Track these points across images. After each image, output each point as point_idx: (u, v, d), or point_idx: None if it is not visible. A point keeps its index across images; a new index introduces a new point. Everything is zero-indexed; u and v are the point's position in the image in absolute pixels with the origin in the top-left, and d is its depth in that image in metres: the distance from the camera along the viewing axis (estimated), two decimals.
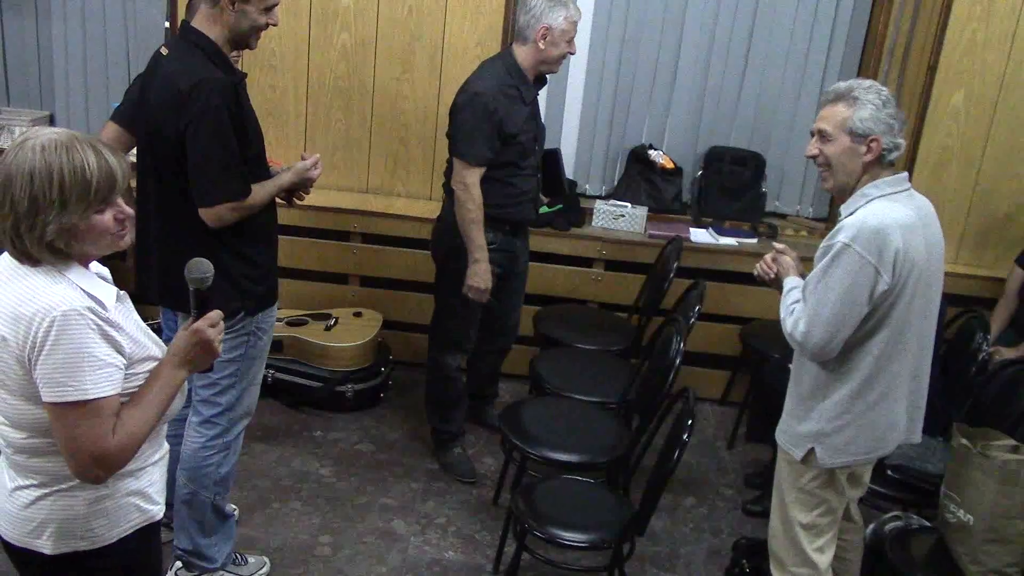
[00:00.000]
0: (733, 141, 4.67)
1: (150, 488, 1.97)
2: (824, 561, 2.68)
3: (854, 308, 2.43)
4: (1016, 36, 4.11)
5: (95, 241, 1.79)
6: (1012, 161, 4.27)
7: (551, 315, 4.21)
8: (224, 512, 2.99)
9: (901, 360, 2.53)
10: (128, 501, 1.92)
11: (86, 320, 1.72)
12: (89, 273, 1.83)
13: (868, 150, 2.49)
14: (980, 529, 2.75)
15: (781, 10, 4.48)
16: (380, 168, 4.53)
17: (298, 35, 4.33)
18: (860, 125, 2.48)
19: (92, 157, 1.73)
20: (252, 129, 2.68)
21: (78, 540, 1.87)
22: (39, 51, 4.62)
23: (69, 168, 1.70)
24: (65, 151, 1.71)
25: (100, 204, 1.75)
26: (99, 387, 1.73)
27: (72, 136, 1.75)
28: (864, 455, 2.61)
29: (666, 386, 3.09)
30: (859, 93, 2.50)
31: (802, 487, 2.64)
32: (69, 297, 1.72)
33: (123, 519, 1.92)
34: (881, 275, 2.40)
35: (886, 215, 2.43)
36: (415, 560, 3.33)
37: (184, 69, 2.54)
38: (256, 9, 2.60)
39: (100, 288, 1.81)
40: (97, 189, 1.73)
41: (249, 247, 2.73)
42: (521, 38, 3.48)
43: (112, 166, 1.76)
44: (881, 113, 2.48)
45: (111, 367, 1.75)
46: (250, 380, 2.90)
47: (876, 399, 2.54)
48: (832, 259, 2.44)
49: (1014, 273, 4.05)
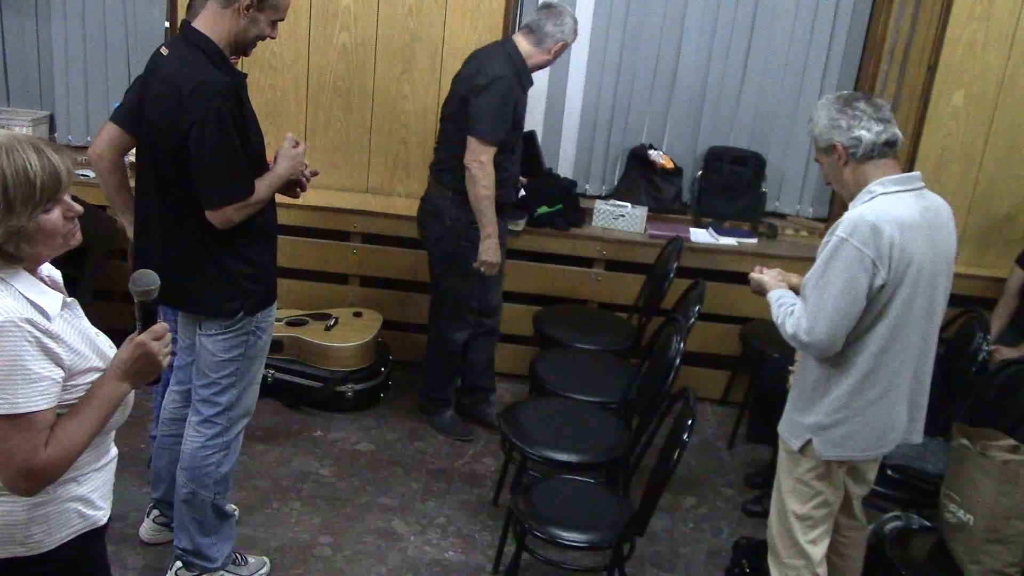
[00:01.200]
0: (733, 141, 4.66)
1: (93, 494, 1.93)
2: (817, 553, 2.71)
3: (855, 300, 2.45)
4: (1016, 36, 4.12)
5: (46, 242, 1.76)
6: (1012, 161, 4.27)
7: (551, 315, 4.22)
8: (224, 512, 2.99)
9: (902, 359, 2.54)
10: (69, 507, 1.88)
11: (22, 332, 1.69)
12: (35, 280, 1.79)
13: (838, 157, 2.53)
14: (980, 529, 2.75)
15: (781, 10, 4.48)
16: (380, 168, 4.53)
17: (298, 35, 4.33)
18: (820, 140, 2.56)
19: (34, 157, 1.70)
20: (253, 130, 2.69)
21: (16, 546, 1.83)
22: (39, 51, 4.61)
23: (11, 171, 1.68)
24: (5, 154, 1.69)
25: (47, 204, 1.73)
26: (31, 401, 1.70)
27: (12, 137, 1.72)
28: (861, 452, 2.62)
29: (666, 386, 3.09)
30: (814, 112, 2.59)
31: (799, 477, 2.67)
32: (6, 307, 1.69)
33: (63, 525, 1.88)
34: (879, 268, 2.43)
35: (884, 211, 2.45)
36: (415, 560, 3.33)
37: (186, 69, 2.54)
38: (267, 19, 2.63)
39: (45, 296, 1.78)
40: (42, 189, 1.70)
41: (249, 247, 2.73)
42: (533, 38, 3.65)
43: (56, 164, 1.73)
44: (827, 120, 2.53)
45: (46, 380, 1.72)
46: (250, 379, 2.90)
47: (875, 396, 2.56)
48: (831, 253, 2.47)
49: (1014, 273, 4.05)
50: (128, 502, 3.35)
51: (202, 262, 2.70)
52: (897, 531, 3.04)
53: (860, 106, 2.51)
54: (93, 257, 4.00)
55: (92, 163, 3.05)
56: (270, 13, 2.62)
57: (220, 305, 2.73)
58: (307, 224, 4.36)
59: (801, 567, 2.72)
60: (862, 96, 2.55)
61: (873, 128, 2.49)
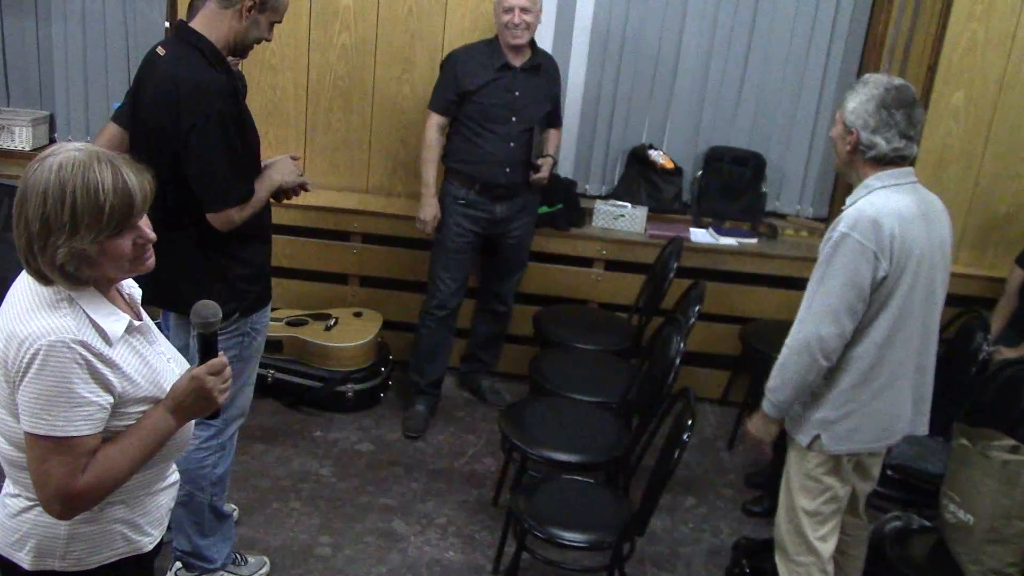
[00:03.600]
0: (733, 141, 4.66)
1: (141, 518, 1.87)
2: (827, 550, 2.71)
3: (860, 294, 2.47)
4: (1016, 36, 4.11)
5: (112, 267, 1.70)
6: (1012, 161, 4.27)
7: (551, 315, 4.22)
8: (222, 512, 2.99)
9: (904, 349, 2.57)
10: (114, 529, 1.82)
11: (73, 354, 1.64)
12: (104, 301, 1.73)
13: (849, 141, 2.54)
14: (980, 529, 2.75)
15: (781, 10, 4.48)
16: (380, 168, 4.53)
17: (298, 35, 4.33)
18: (847, 115, 2.54)
19: (109, 178, 1.64)
20: (251, 132, 2.68)
21: (57, 560, 1.79)
22: (39, 51, 4.61)
23: (83, 190, 1.61)
24: (81, 171, 1.62)
25: (115, 229, 1.65)
26: (74, 425, 1.65)
27: (92, 154, 1.66)
28: (869, 444, 2.64)
29: (666, 386, 3.09)
30: (860, 84, 2.56)
31: (807, 473, 2.67)
32: (61, 327, 1.64)
33: (106, 546, 1.82)
34: (880, 260, 2.45)
35: (884, 204, 2.48)
36: (415, 560, 3.33)
37: (183, 70, 2.53)
38: (267, 22, 2.62)
39: (110, 320, 1.72)
40: (111, 214, 1.64)
41: (243, 247, 2.72)
42: None
43: (131, 187, 1.66)
44: (862, 107, 2.50)
45: (92, 406, 1.66)
46: (244, 381, 2.89)
47: (880, 388, 2.57)
48: (833, 248, 2.49)
49: (1014, 273, 4.05)
50: None
51: (196, 263, 2.69)
52: (897, 531, 3.04)
53: (897, 116, 2.48)
54: None
55: None
56: (270, 15, 2.62)
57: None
58: (307, 224, 4.36)
59: (811, 564, 2.72)
60: (908, 102, 2.50)
61: (894, 142, 2.49)
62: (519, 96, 3.89)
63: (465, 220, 3.97)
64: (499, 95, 3.85)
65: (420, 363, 4.18)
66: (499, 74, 3.85)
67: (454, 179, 3.98)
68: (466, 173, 3.93)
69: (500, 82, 3.85)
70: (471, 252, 4.07)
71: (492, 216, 3.99)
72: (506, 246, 4.13)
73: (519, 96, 3.89)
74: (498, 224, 4.02)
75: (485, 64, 3.85)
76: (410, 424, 4.11)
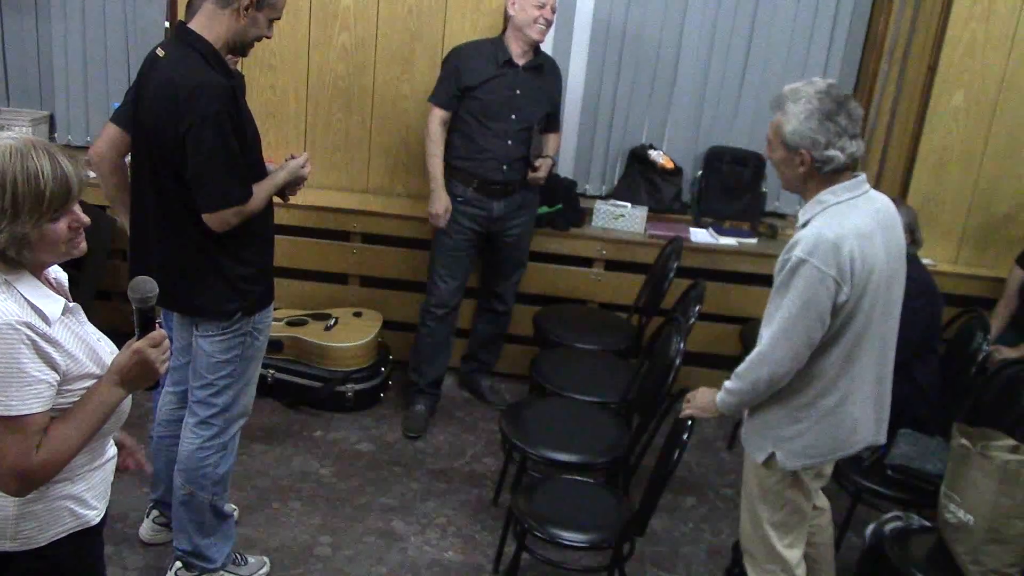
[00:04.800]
0: (733, 141, 4.66)
1: (86, 493, 1.93)
2: (795, 557, 2.70)
3: (820, 320, 2.41)
4: (1016, 36, 4.11)
5: (48, 250, 1.76)
6: (1012, 161, 4.27)
7: (551, 315, 4.22)
8: (223, 512, 2.99)
9: (863, 362, 2.52)
10: (61, 505, 1.88)
11: (20, 335, 1.69)
12: (38, 283, 1.79)
13: (801, 163, 2.45)
14: (980, 529, 2.75)
15: (781, 10, 4.47)
16: (380, 168, 4.53)
17: (298, 35, 4.32)
18: (789, 138, 2.44)
19: (47, 165, 1.70)
20: (251, 132, 2.68)
21: (7, 541, 1.84)
22: (39, 51, 4.61)
23: (23, 176, 1.67)
24: (20, 158, 1.68)
25: (54, 213, 1.72)
26: (25, 403, 1.70)
27: (28, 142, 1.71)
28: (825, 456, 2.61)
29: (666, 386, 3.09)
30: (789, 104, 2.43)
31: (768, 488, 2.66)
32: (5, 309, 1.70)
33: (55, 523, 1.88)
34: (842, 286, 2.39)
35: (841, 225, 2.40)
36: (415, 560, 3.33)
37: (183, 71, 2.53)
38: (265, 19, 2.62)
39: (46, 301, 1.78)
40: (51, 198, 1.70)
41: (245, 248, 2.73)
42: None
43: (68, 173, 1.72)
44: (805, 126, 2.40)
45: (41, 384, 1.72)
46: (247, 380, 2.89)
47: (836, 403, 2.53)
48: (790, 274, 2.42)
49: (1014, 273, 4.05)
50: (128, 502, 3.35)
51: (199, 264, 2.69)
52: (897, 531, 3.04)
53: (841, 121, 2.40)
54: (93, 258, 3.99)
55: (93, 164, 3.04)
56: (268, 12, 2.62)
57: (217, 307, 2.73)
58: (307, 224, 4.36)
59: (778, 571, 2.70)
60: (842, 100, 2.42)
61: (848, 148, 2.41)
62: (520, 94, 3.89)
63: (463, 218, 3.98)
64: (500, 92, 3.87)
65: (420, 363, 4.18)
66: (501, 71, 3.86)
67: (452, 176, 3.98)
68: (464, 170, 3.94)
69: (502, 79, 3.86)
70: (470, 250, 4.08)
71: (489, 214, 3.99)
72: (504, 245, 4.13)
73: (520, 94, 3.89)
74: (495, 222, 4.03)
75: (488, 60, 3.86)
76: (410, 424, 4.11)
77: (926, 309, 3.46)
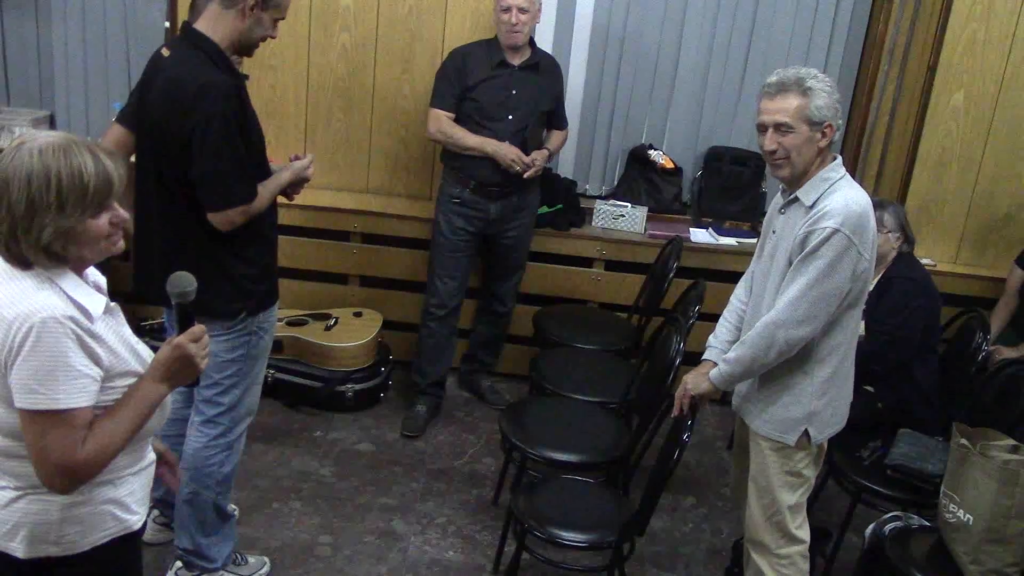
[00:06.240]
0: (733, 141, 4.66)
1: (128, 498, 1.92)
2: (806, 534, 2.78)
3: (838, 288, 2.52)
4: (1016, 36, 4.12)
5: (90, 245, 1.77)
6: (1012, 161, 4.27)
7: (551, 315, 4.22)
8: (225, 512, 2.99)
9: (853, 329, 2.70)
10: (104, 509, 1.88)
11: (65, 329, 1.70)
12: (80, 281, 1.81)
13: (823, 136, 2.57)
14: (980, 529, 2.75)
15: (781, 10, 4.48)
16: (380, 168, 4.53)
17: (298, 35, 4.33)
18: (817, 113, 2.55)
19: (90, 161, 1.72)
20: (255, 132, 2.68)
21: (50, 545, 1.83)
22: (39, 51, 4.61)
23: (67, 172, 1.70)
24: (63, 154, 1.70)
25: (96, 208, 1.74)
26: (72, 397, 1.70)
27: (69, 140, 1.74)
28: (841, 422, 2.76)
29: (666, 386, 3.09)
30: (811, 83, 2.58)
31: (790, 470, 2.72)
32: (51, 304, 1.70)
33: (98, 527, 1.88)
34: (863, 256, 2.52)
35: (860, 197, 2.56)
36: (415, 560, 3.33)
37: (188, 71, 2.54)
38: (270, 19, 2.62)
39: (89, 297, 1.79)
40: (94, 193, 1.72)
41: (249, 247, 2.73)
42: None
43: (109, 170, 1.75)
44: (832, 99, 2.56)
45: (86, 378, 1.73)
46: (252, 379, 2.90)
47: (848, 371, 2.71)
48: (820, 243, 2.51)
49: (1014, 273, 4.05)
50: None
51: (203, 263, 2.68)
52: (897, 531, 3.04)
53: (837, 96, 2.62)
54: None
55: None
56: (273, 12, 2.62)
57: (222, 306, 2.73)
58: (307, 224, 4.36)
59: (795, 553, 2.77)
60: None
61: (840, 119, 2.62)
62: (516, 94, 3.90)
63: (460, 219, 3.98)
64: (496, 92, 3.88)
65: (422, 363, 4.18)
66: (497, 71, 3.88)
67: (449, 177, 3.98)
68: (461, 171, 3.94)
69: (497, 79, 3.88)
70: (468, 251, 4.07)
71: (487, 216, 3.99)
72: (502, 247, 4.12)
73: (516, 94, 3.90)
74: (493, 224, 4.02)
75: (483, 62, 3.88)
76: (408, 424, 4.11)
77: (925, 308, 3.47)
